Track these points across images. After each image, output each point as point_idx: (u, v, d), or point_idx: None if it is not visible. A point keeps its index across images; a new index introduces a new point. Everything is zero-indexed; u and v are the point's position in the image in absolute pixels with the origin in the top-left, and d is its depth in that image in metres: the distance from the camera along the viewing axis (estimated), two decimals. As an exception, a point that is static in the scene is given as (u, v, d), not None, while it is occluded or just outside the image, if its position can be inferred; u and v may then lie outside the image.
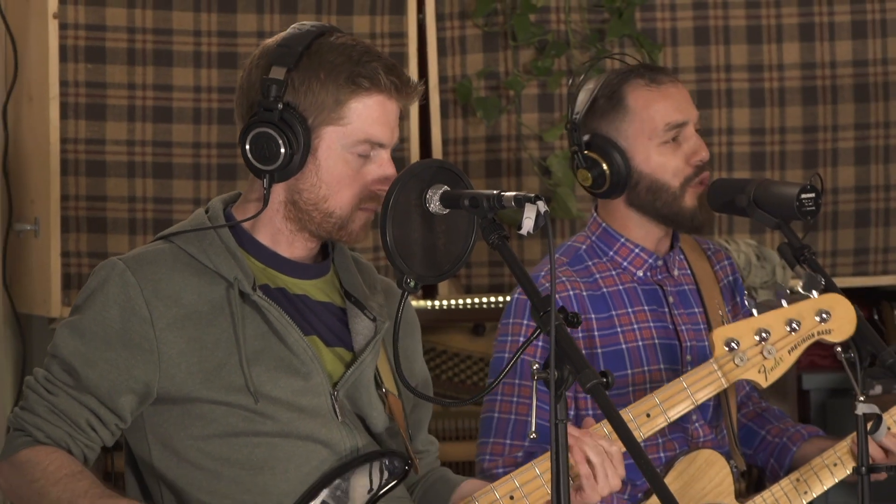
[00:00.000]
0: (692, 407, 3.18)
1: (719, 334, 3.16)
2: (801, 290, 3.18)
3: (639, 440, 3.11)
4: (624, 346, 3.47)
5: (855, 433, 3.42)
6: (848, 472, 3.44)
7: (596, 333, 3.45)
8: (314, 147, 2.86)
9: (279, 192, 2.89)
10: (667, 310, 3.54)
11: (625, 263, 3.53)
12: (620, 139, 3.48)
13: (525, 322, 3.47)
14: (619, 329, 3.47)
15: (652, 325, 3.51)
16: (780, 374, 3.20)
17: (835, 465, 3.44)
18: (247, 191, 2.97)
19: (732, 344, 3.16)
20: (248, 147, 2.85)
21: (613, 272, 3.53)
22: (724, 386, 3.18)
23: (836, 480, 3.45)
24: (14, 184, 4.61)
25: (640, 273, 3.54)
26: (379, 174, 2.87)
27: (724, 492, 3.45)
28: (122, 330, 2.82)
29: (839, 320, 3.20)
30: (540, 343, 3.37)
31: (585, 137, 3.49)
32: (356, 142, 2.87)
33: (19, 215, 4.59)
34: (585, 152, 3.48)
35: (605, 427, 2.99)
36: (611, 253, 3.54)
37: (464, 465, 3.78)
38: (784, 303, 3.18)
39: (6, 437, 2.88)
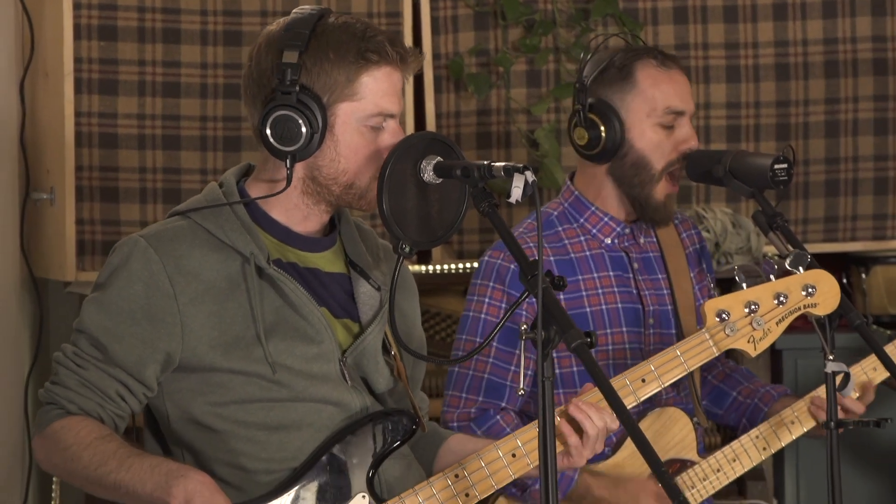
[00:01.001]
0: (685, 373, 3.17)
1: (711, 305, 3.16)
2: (788, 266, 3.18)
3: (635, 403, 3.13)
4: (588, 309, 3.48)
5: (810, 393, 3.45)
6: (805, 430, 3.45)
7: (561, 296, 3.44)
8: (331, 124, 2.85)
9: (298, 169, 2.87)
10: (631, 275, 3.55)
11: (594, 230, 3.54)
12: (622, 110, 3.48)
13: (492, 284, 3.48)
14: (584, 293, 3.48)
15: (616, 289, 3.52)
16: (768, 344, 3.20)
17: (792, 423, 3.46)
18: (259, 168, 2.96)
19: (723, 315, 3.16)
20: (269, 131, 2.83)
21: (582, 238, 3.53)
22: (716, 354, 3.17)
23: (794, 437, 3.47)
24: (31, 155, 4.60)
25: (608, 240, 3.55)
26: (391, 142, 2.84)
27: (688, 447, 3.47)
28: (146, 305, 2.83)
29: (824, 294, 3.20)
30: (524, 311, 3.39)
31: (590, 100, 3.49)
32: (369, 115, 2.86)
33: (36, 185, 4.59)
34: (588, 114, 3.49)
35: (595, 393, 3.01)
36: (581, 220, 3.55)
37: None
38: (772, 277, 3.17)
39: (39, 412, 2.90)
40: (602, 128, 3.48)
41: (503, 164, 2.63)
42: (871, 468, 4.83)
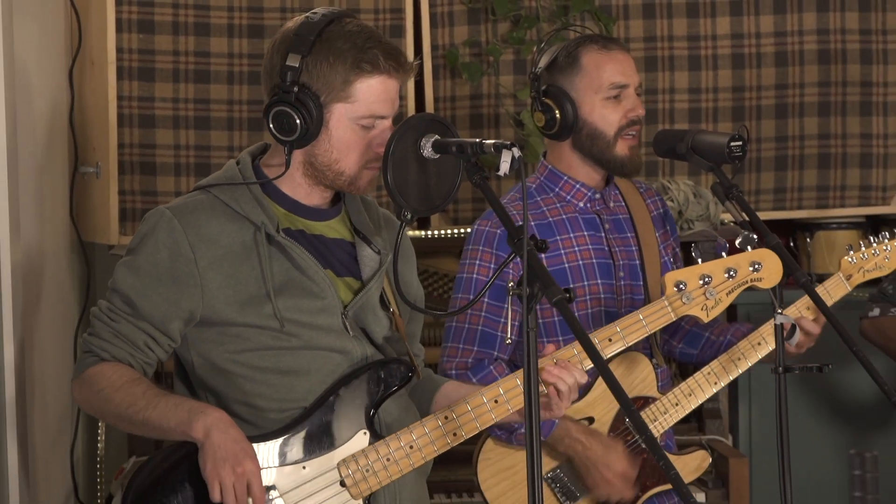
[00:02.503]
0: (646, 335, 3.20)
1: (670, 277, 3.17)
2: (738, 245, 3.19)
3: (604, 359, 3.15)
4: (566, 265, 3.48)
5: (757, 330, 3.47)
6: (749, 365, 3.46)
7: (542, 255, 3.46)
8: (326, 120, 2.86)
9: (298, 155, 2.90)
10: (603, 234, 3.55)
11: (568, 197, 3.54)
12: (572, 91, 3.48)
13: (482, 248, 3.48)
14: (562, 251, 3.48)
15: (591, 247, 3.52)
16: (719, 312, 3.21)
17: (738, 359, 3.47)
18: (272, 151, 2.98)
19: (681, 285, 3.17)
20: (271, 123, 2.85)
21: (558, 204, 3.54)
22: (673, 319, 3.19)
23: (740, 371, 3.48)
24: (79, 134, 4.60)
25: (581, 204, 3.55)
26: (381, 139, 2.86)
27: (649, 385, 3.49)
28: (170, 268, 2.84)
29: (768, 270, 3.20)
30: (510, 270, 3.39)
31: (543, 87, 3.50)
32: (361, 116, 2.87)
33: (83, 160, 4.59)
34: (543, 99, 3.50)
35: (576, 347, 3.01)
36: (556, 189, 3.55)
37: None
38: (723, 254, 3.19)
39: (77, 359, 2.92)
40: (556, 110, 3.49)
41: (493, 141, 2.64)
42: (818, 407, 4.85)
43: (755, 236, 3.19)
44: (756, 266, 3.20)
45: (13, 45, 3.83)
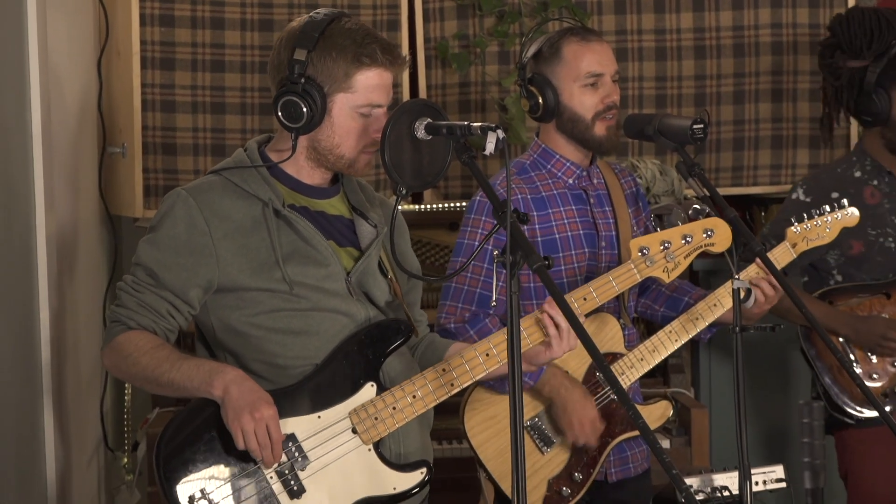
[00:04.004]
0: (616, 294, 3.22)
1: (635, 243, 3.20)
2: (689, 215, 3.22)
3: (580, 316, 3.17)
4: (557, 235, 3.50)
5: (713, 292, 3.49)
6: (710, 320, 3.47)
7: (536, 226, 3.48)
8: (329, 108, 2.88)
9: (303, 140, 2.92)
10: (589, 208, 3.57)
11: (559, 174, 3.55)
12: (553, 79, 3.50)
13: (483, 218, 3.49)
14: (553, 223, 3.50)
15: (578, 219, 3.54)
16: (678, 273, 3.25)
17: (696, 319, 3.49)
18: (277, 138, 2.99)
19: (644, 250, 3.19)
20: (280, 111, 2.87)
21: (550, 180, 3.55)
22: (639, 280, 3.22)
23: (698, 330, 3.49)
24: (107, 118, 4.60)
25: (570, 181, 3.56)
26: (377, 126, 2.89)
27: (617, 342, 3.51)
28: (188, 241, 2.86)
29: (719, 237, 3.23)
30: (502, 238, 3.40)
31: (529, 76, 3.51)
32: (360, 105, 2.89)
33: (111, 141, 4.59)
34: (528, 87, 3.51)
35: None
36: (548, 166, 3.56)
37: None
38: (679, 223, 3.22)
39: (106, 328, 2.93)
40: (539, 97, 3.50)
41: (479, 124, 2.64)
42: (772, 362, 4.87)
43: (706, 207, 3.21)
44: (709, 233, 3.23)
45: (47, 39, 3.83)
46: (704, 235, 3.23)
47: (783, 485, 3.39)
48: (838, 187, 4.14)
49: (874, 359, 4.06)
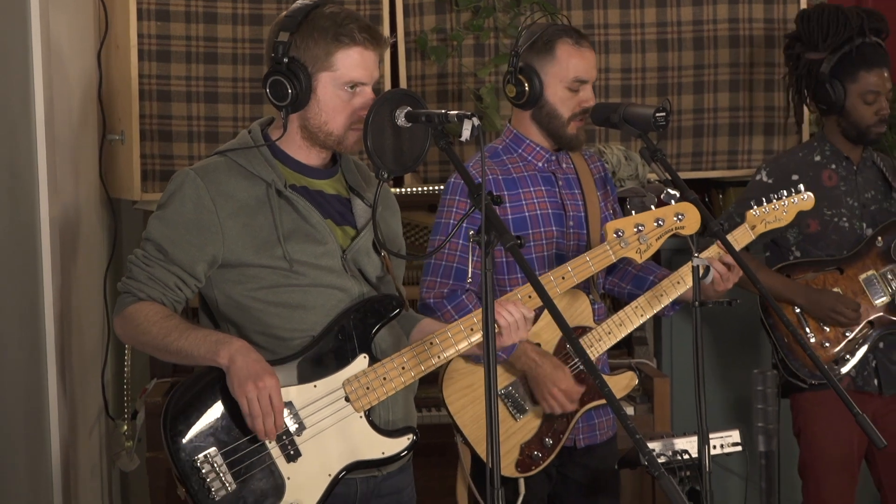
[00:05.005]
0: (592, 273, 3.23)
1: (611, 226, 3.21)
2: (662, 199, 3.23)
3: (559, 293, 3.21)
4: (527, 213, 3.51)
5: (676, 272, 3.50)
6: (672, 297, 3.48)
7: (507, 205, 3.49)
8: (314, 87, 2.88)
9: (295, 119, 2.92)
10: (557, 190, 3.57)
11: (529, 157, 3.56)
12: (542, 73, 3.50)
13: (457, 198, 3.50)
14: (523, 202, 3.51)
15: (546, 199, 3.55)
16: (650, 254, 3.26)
17: (661, 296, 3.50)
18: (276, 121, 2.99)
19: (619, 232, 3.20)
20: (268, 90, 2.88)
21: (521, 163, 3.56)
22: (614, 260, 3.23)
23: (662, 306, 3.50)
24: (106, 107, 4.58)
25: (540, 164, 3.57)
26: (362, 103, 2.88)
27: (587, 317, 3.52)
28: (196, 219, 2.85)
29: (689, 220, 3.25)
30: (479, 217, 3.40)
31: (521, 64, 3.50)
32: (343, 82, 2.88)
33: (110, 129, 4.57)
34: (518, 75, 3.50)
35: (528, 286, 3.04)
36: (519, 150, 3.57)
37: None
38: (653, 206, 3.22)
39: (117, 299, 2.93)
40: (526, 85, 3.50)
41: (456, 112, 2.65)
42: (729, 334, 4.88)
43: (676, 193, 3.21)
44: (680, 216, 3.23)
45: (49, 33, 3.82)
46: (675, 219, 3.23)
47: (739, 448, 3.40)
48: (798, 170, 4.18)
49: (827, 328, 4.10)
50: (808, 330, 4.11)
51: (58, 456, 3.79)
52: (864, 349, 4.10)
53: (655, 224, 3.22)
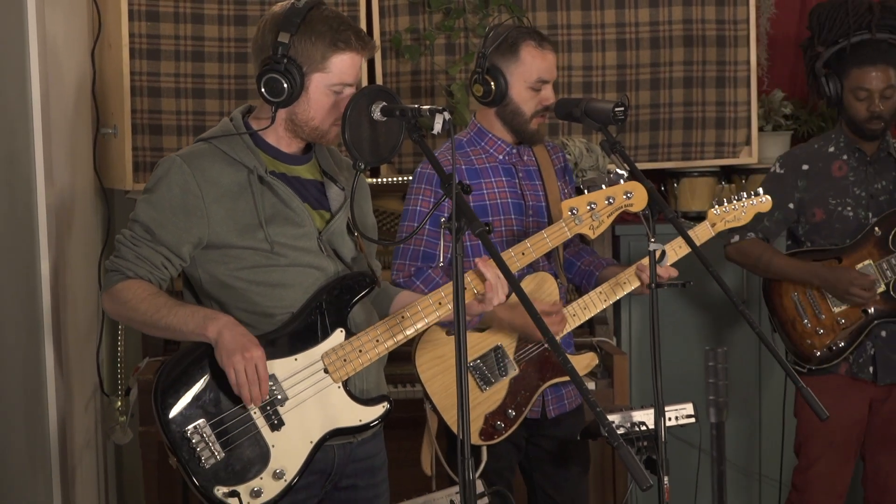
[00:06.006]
0: (549, 249, 3.26)
1: (565, 204, 3.24)
2: (610, 179, 3.25)
3: (520, 267, 3.24)
4: (487, 202, 3.53)
5: (635, 264, 3.50)
6: (634, 287, 3.50)
7: (469, 195, 3.49)
8: (306, 86, 2.87)
9: (282, 113, 2.91)
10: (517, 181, 3.60)
11: (491, 150, 3.58)
12: (507, 74, 3.51)
13: (424, 186, 3.52)
14: (484, 191, 3.54)
15: (507, 189, 3.57)
16: (602, 230, 3.30)
17: (624, 283, 3.51)
18: (259, 109, 2.97)
19: (573, 210, 3.24)
20: (262, 87, 2.85)
21: (483, 155, 3.58)
22: (569, 236, 3.26)
23: (625, 292, 3.52)
24: (100, 102, 4.56)
25: (501, 157, 3.59)
26: (346, 102, 2.87)
27: (553, 299, 3.52)
28: (182, 203, 2.84)
29: (637, 198, 3.27)
30: (445, 204, 3.41)
31: (487, 65, 3.51)
32: (334, 84, 2.88)
33: (104, 123, 4.55)
34: (485, 75, 3.51)
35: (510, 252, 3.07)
36: (482, 143, 3.59)
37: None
38: (603, 186, 3.24)
39: (105, 277, 2.92)
40: (492, 85, 3.51)
41: (428, 107, 2.66)
42: (684, 314, 4.91)
43: (624, 172, 3.24)
44: (628, 194, 3.27)
45: (45, 32, 3.79)
46: (625, 196, 3.27)
47: (692, 420, 3.42)
48: (809, 160, 4.14)
49: (822, 316, 4.06)
50: (805, 319, 4.08)
51: (55, 431, 3.78)
52: (860, 337, 4.04)
53: (606, 202, 3.26)
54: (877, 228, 4.05)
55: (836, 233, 4.10)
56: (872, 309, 4.03)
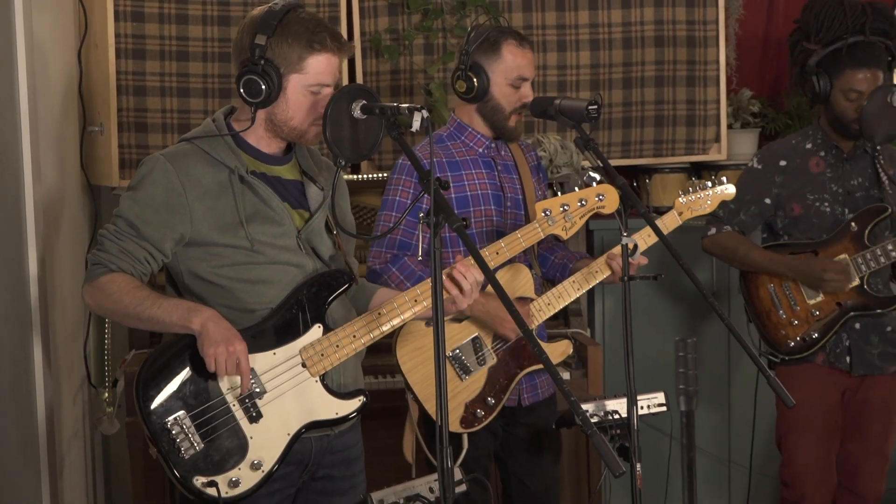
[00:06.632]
0: (523, 249, 3.26)
1: (539, 206, 3.26)
2: (584, 182, 3.24)
3: (494, 266, 3.20)
4: (468, 193, 3.53)
5: (606, 253, 3.51)
6: (604, 276, 3.50)
7: (451, 185, 3.51)
8: (284, 87, 2.85)
9: (261, 113, 2.89)
10: (496, 173, 3.60)
11: (471, 144, 3.59)
12: (489, 71, 3.52)
13: (404, 177, 3.52)
14: (465, 182, 3.54)
15: (487, 181, 3.58)
16: (574, 231, 3.30)
17: (596, 272, 3.52)
18: (240, 110, 2.96)
19: (547, 212, 3.25)
20: (241, 88, 2.84)
21: (463, 148, 3.59)
22: (542, 236, 3.26)
23: (597, 281, 3.53)
24: (87, 101, 4.53)
25: (480, 150, 3.60)
26: (325, 103, 2.85)
27: (529, 289, 3.53)
28: (165, 200, 2.82)
29: (609, 200, 3.28)
30: (423, 203, 3.40)
31: (470, 63, 3.51)
32: (311, 84, 2.86)
33: (90, 121, 4.52)
34: (468, 73, 3.51)
35: (485, 251, 3.06)
36: (462, 137, 3.59)
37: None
38: (576, 188, 3.24)
39: (87, 270, 2.89)
40: (475, 81, 3.50)
41: (407, 105, 2.65)
42: (655, 306, 4.91)
43: (597, 176, 3.23)
44: (600, 197, 3.27)
45: (32, 33, 3.78)
46: (597, 199, 3.26)
47: (664, 408, 3.42)
48: (787, 156, 4.13)
49: (797, 307, 4.05)
50: (780, 310, 4.07)
51: (43, 421, 3.75)
52: (833, 329, 4.02)
53: (579, 204, 3.26)
54: (853, 224, 4.04)
55: (814, 227, 4.08)
56: (846, 301, 4.03)
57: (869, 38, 4.06)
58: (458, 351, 3.45)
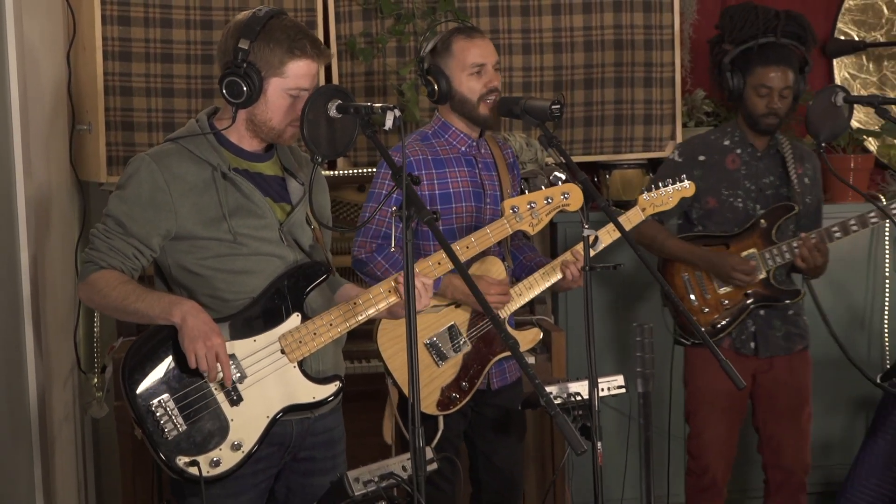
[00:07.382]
0: (492, 244, 3.27)
1: (507, 203, 3.24)
2: (550, 181, 3.26)
3: (464, 260, 3.21)
4: (451, 190, 3.54)
5: (570, 250, 3.54)
6: (558, 278, 3.51)
7: (435, 181, 3.53)
8: (265, 89, 2.86)
9: (243, 114, 2.90)
10: (477, 171, 3.61)
11: (454, 143, 3.59)
12: (446, 70, 3.51)
13: (383, 171, 3.53)
14: (448, 179, 3.55)
15: (468, 179, 3.58)
16: (541, 227, 3.29)
17: (550, 273, 3.53)
18: (223, 110, 2.96)
19: (514, 209, 3.23)
20: (224, 89, 2.84)
21: (447, 146, 3.59)
22: (510, 232, 3.27)
23: (554, 280, 3.55)
24: (76, 101, 4.51)
25: (463, 149, 3.60)
26: (302, 106, 2.85)
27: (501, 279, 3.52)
28: (151, 198, 2.83)
29: (573, 198, 3.28)
30: (394, 196, 3.42)
31: (426, 67, 3.51)
32: (290, 88, 2.87)
33: (79, 120, 4.50)
34: (426, 76, 3.52)
35: (442, 253, 3.05)
36: (446, 136, 3.60)
37: (348, 269, 3.82)
38: (543, 187, 3.25)
39: (81, 268, 2.90)
40: (435, 84, 3.52)
41: (380, 105, 2.67)
42: (615, 294, 4.93)
43: (562, 175, 3.25)
44: (566, 195, 3.27)
45: (23, 36, 3.75)
46: (562, 197, 3.27)
47: (623, 390, 3.44)
48: (705, 151, 4.16)
49: (708, 296, 4.10)
50: (692, 296, 4.11)
51: (35, 405, 3.74)
52: (740, 317, 4.08)
53: (545, 201, 3.26)
54: (763, 220, 4.09)
55: (727, 221, 4.13)
56: (753, 292, 4.08)
57: (780, 41, 4.12)
58: (435, 339, 3.47)
